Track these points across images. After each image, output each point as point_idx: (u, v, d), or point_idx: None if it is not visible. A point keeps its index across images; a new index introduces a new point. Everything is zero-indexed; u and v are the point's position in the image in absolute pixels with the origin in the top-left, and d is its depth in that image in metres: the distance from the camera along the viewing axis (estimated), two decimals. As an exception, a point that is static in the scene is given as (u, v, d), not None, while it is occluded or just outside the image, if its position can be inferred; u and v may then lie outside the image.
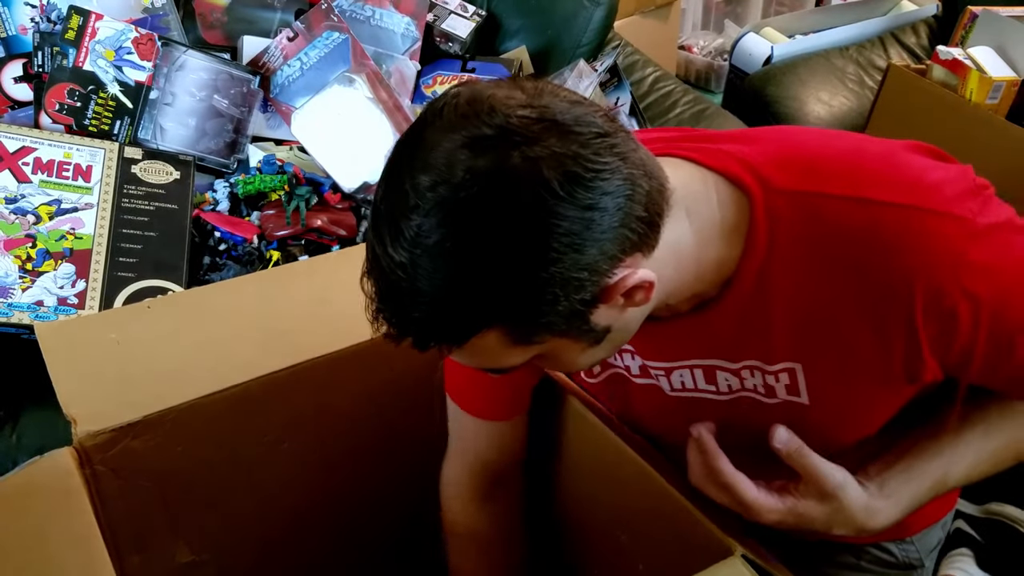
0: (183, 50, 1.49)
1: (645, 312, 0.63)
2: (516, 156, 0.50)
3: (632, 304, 0.58)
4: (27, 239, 1.26)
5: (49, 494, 0.75)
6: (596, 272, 0.54)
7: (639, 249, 0.56)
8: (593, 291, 0.55)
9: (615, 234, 0.53)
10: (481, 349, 0.57)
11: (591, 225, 0.52)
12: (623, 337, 0.64)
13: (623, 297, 0.57)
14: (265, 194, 1.45)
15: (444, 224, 0.51)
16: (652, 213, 0.56)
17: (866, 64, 1.95)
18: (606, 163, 0.52)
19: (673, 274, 0.61)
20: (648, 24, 2.45)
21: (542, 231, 0.51)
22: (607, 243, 0.53)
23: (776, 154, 0.63)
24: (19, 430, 1.22)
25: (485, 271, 0.52)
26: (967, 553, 1.38)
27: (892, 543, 0.86)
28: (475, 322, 0.54)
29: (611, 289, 0.55)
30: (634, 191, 0.54)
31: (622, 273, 0.55)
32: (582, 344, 0.60)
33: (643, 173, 0.55)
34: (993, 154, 1.43)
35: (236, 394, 0.86)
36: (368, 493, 1.01)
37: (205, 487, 0.90)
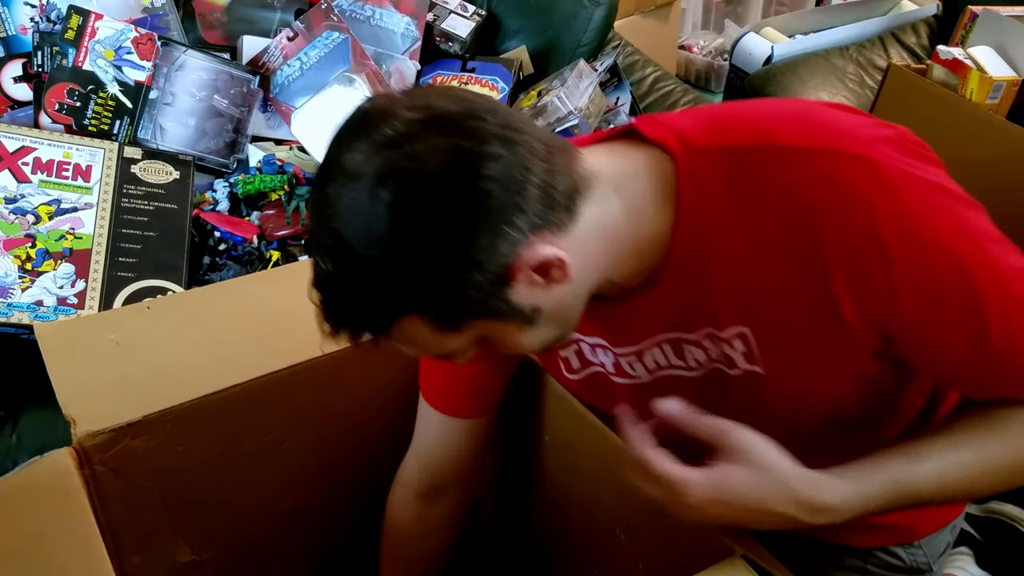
0: (183, 50, 1.49)
1: (580, 291, 0.64)
2: (399, 156, 0.56)
3: (552, 281, 0.61)
4: (27, 239, 1.26)
5: (49, 494, 0.75)
6: (494, 252, 0.57)
7: (543, 228, 0.59)
8: (496, 271, 0.58)
9: (508, 214, 0.57)
10: (410, 336, 0.61)
11: (480, 208, 0.56)
12: (565, 316, 0.65)
13: (537, 275, 0.60)
14: (265, 194, 1.45)
15: (346, 224, 0.57)
16: (553, 193, 0.59)
17: (866, 64, 1.95)
18: (490, 152, 0.56)
19: (604, 251, 0.64)
20: (648, 24, 2.45)
21: (432, 219, 0.56)
22: (501, 224, 0.57)
23: (704, 119, 0.65)
24: (19, 430, 1.22)
25: (386, 263, 0.57)
26: (967, 552, 1.38)
27: (899, 547, 0.85)
28: (389, 311, 0.59)
29: (515, 267, 0.59)
30: (524, 174, 0.58)
31: (524, 252, 0.58)
32: (515, 324, 0.62)
33: (537, 157, 0.59)
34: (993, 154, 1.43)
35: (236, 394, 0.86)
36: (368, 493, 1.00)
37: (205, 487, 0.90)
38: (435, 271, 0.57)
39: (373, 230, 0.56)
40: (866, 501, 0.63)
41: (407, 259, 0.57)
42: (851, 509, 0.62)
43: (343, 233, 0.57)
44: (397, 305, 0.59)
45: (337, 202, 0.57)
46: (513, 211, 0.57)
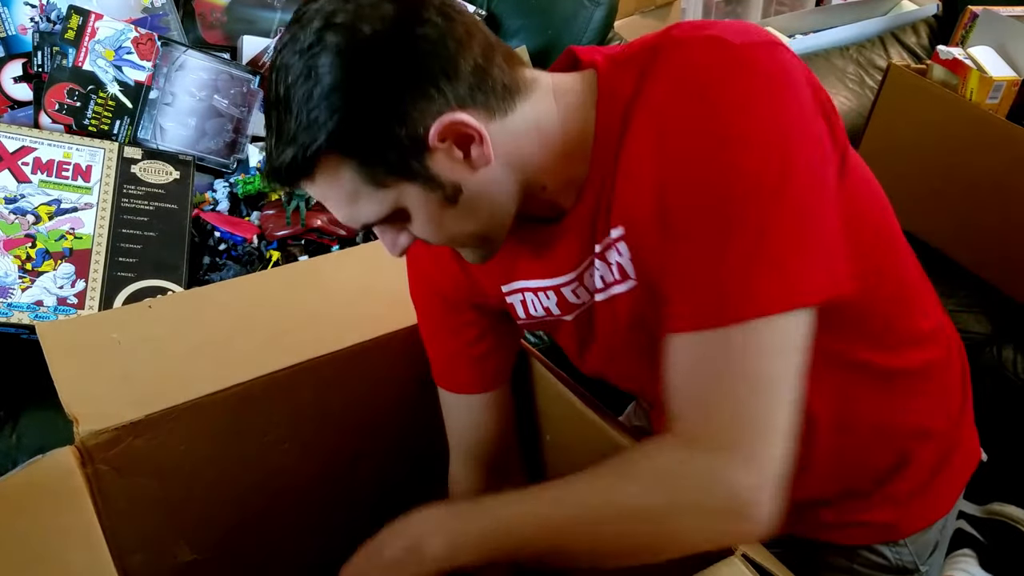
0: (183, 50, 1.49)
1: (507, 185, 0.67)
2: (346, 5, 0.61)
3: (472, 161, 0.64)
4: (27, 239, 1.26)
5: (51, 493, 0.75)
6: (416, 110, 0.61)
7: (471, 106, 0.63)
8: (415, 128, 0.62)
9: (435, 78, 0.61)
10: (334, 182, 0.64)
11: (410, 64, 0.61)
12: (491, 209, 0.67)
13: (457, 147, 0.63)
14: (265, 194, 1.45)
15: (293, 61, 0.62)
16: (485, 77, 0.63)
17: (866, 64, 1.95)
18: (427, 17, 0.62)
19: (537, 150, 0.67)
20: (648, 24, 2.46)
21: (365, 63, 0.61)
22: (427, 85, 0.61)
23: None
24: (19, 430, 1.22)
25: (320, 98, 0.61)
26: (970, 554, 1.38)
27: (884, 545, 0.84)
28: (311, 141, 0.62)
29: (434, 131, 0.62)
30: (459, 49, 0.62)
31: (445, 118, 0.62)
32: (435, 198, 0.65)
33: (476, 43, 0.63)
34: (993, 154, 1.43)
35: (237, 393, 0.86)
36: (369, 492, 1.01)
37: (207, 486, 0.90)
38: (362, 114, 0.61)
39: (313, 67, 0.61)
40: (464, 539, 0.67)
41: (338, 97, 0.61)
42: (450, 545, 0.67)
43: (287, 73, 0.62)
44: (323, 141, 0.62)
45: (288, 45, 0.63)
46: (440, 77, 0.62)
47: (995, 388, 1.42)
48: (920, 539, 0.86)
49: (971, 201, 1.50)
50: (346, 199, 0.65)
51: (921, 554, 0.86)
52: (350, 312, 0.97)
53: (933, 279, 1.67)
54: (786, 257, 0.58)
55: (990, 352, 1.44)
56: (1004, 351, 1.43)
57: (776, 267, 0.58)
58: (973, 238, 1.52)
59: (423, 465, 1.07)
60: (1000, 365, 1.42)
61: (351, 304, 0.98)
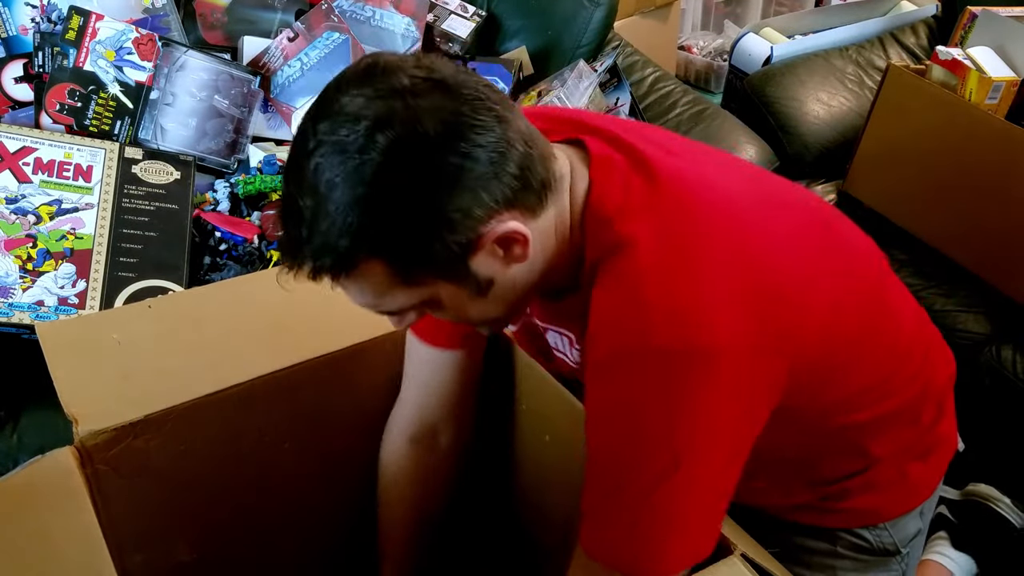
0: (183, 50, 1.49)
1: (530, 277, 0.68)
2: (402, 107, 0.59)
3: (512, 258, 0.65)
4: (28, 239, 1.26)
5: (50, 493, 0.75)
6: (469, 216, 0.61)
7: (515, 206, 0.63)
8: (467, 235, 0.62)
9: (488, 184, 0.61)
10: (368, 282, 0.64)
11: (464, 172, 0.60)
12: (513, 298, 0.69)
13: (499, 247, 0.64)
14: (265, 194, 1.45)
15: (335, 161, 0.59)
16: (529, 176, 0.63)
17: (866, 64, 1.95)
18: (482, 121, 0.60)
19: (556, 248, 0.68)
20: (648, 24, 2.46)
21: (420, 172, 0.59)
22: (480, 191, 0.61)
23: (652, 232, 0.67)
24: (20, 430, 1.22)
25: (368, 202, 0.59)
26: (943, 536, 1.41)
27: (864, 529, 0.86)
28: (357, 250, 0.61)
29: (485, 236, 0.62)
30: (508, 150, 0.61)
31: (495, 223, 0.62)
32: (467, 292, 0.66)
33: (521, 139, 0.63)
34: (993, 154, 1.44)
35: (237, 393, 0.86)
36: (369, 492, 1.01)
37: (206, 486, 0.91)
38: (411, 222, 0.60)
39: (362, 171, 0.58)
40: None
41: (388, 204, 0.59)
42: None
43: (330, 169, 0.59)
44: (366, 246, 0.61)
45: (329, 138, 0.59)
46: (492, 181, 0.61)
47: (995, 388, 1.43)
48: (900, 523, 0.87)
49: (970, 201, 1.50)
50: (374, 294, 0.65)
51: (902, 538, 0.88)
52: (350, 312, 0.96)
53: (933, 279, 1.68)
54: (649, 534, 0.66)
55: (990, 352, 1.44)
56: (1004, 351, 1.43)
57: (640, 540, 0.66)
58: (973, 238, 1.52)
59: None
60: (1000, 365, 1.42)
61: (351, 304, 0.98)
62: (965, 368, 1.45)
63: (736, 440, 0.66)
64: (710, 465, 0.65)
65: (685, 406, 0.63)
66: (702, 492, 0.66)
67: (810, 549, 0.87)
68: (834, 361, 0.72)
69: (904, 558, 0.89)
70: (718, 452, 0.66)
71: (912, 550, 0.90)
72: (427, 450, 0.94)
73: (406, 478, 0.96)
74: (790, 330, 0.66)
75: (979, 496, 1.46)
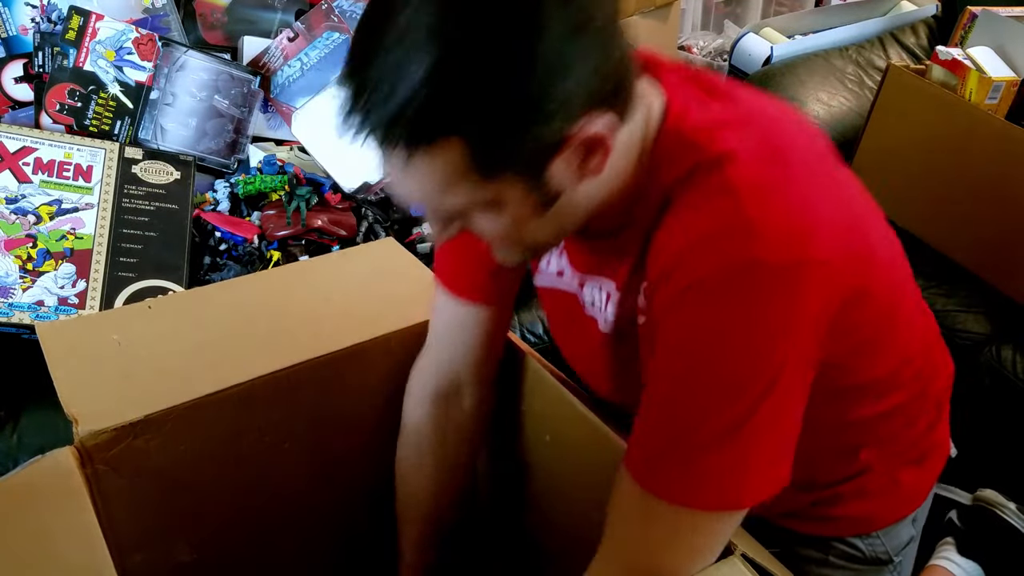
0: (183, 50, 1.49)
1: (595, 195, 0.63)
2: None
3: (587, 170, 0.60)
4: (28, 239, 1.26)
5: (50, 493, 0.75)
6: (566, 107, 0.56)
7: (609, 106, 0.58)
8: (557, 131, 0.56)
9: (590, 73, 0.56)
10: (440, 166, 0.57)
11: (573, 51, 0.54)
12: (568, 220, 0.65)
13: (581, 153, 0.59)
14: (265, 194, 1.45)
15: (432, 12, 0.53)
16: (625, 79, 0.60)
17: (866, 64, 1.95)
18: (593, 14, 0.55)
19: (627, 167, 0.64)
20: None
21: (527, 41, 0.53)
22: (582, 79, 0.55)
23: None
24: (20, 430, 1.22)
25: (467, 69, 0.53)
26: (950, 542, 1.41)
27: (856, 538, 0.85)
28: (445, 120, 0.54)
29: (575, 135, 0.57)
30: (610, 43, 0.57)
31: (586, 121, 0.57)
32: (534, 202, 0.61)
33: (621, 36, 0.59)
34: (993, 154, 1.44)
35: (237, 394, 0.86)
36: (369, 492, 1.01)
37: (206, 486, 0.90)
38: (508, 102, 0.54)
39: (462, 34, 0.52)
40: None
41: (487, 78, 0.53)
42: None
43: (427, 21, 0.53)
44: (453, 121, 0.54)
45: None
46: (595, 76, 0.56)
47: (995, 388, 1.43)
48: (893, 531, 0.86)
49: (970, 201, 1.50)
50: (442, 183, 0.58)
51: (895, 547, 0.87)
52: (350, 312, 0.97)
53: (933, 279, 1.68)
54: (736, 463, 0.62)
55: (990, 352, 1.44)
56: (1004, 351, 1.43)
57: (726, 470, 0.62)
58: (973, 238, 1.53)
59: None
60: (1000, 365, 1.42)
61: (351, 304, 0.99)
62: (965, 368, 1.46)
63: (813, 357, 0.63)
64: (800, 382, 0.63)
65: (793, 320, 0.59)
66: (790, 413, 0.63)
67: (802, 557, 0.86)
68: (870, 331, 0.70)
69: (896, 567, 0.88)
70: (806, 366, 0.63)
71: (904, 559, 0.89)
72: (451, 408, 0.92)
73: (428, 442, 0.93)
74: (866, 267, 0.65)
75: (985, 502, 1.45)
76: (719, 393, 0.61)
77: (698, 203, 0.61)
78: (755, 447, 0.62)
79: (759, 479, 0.63)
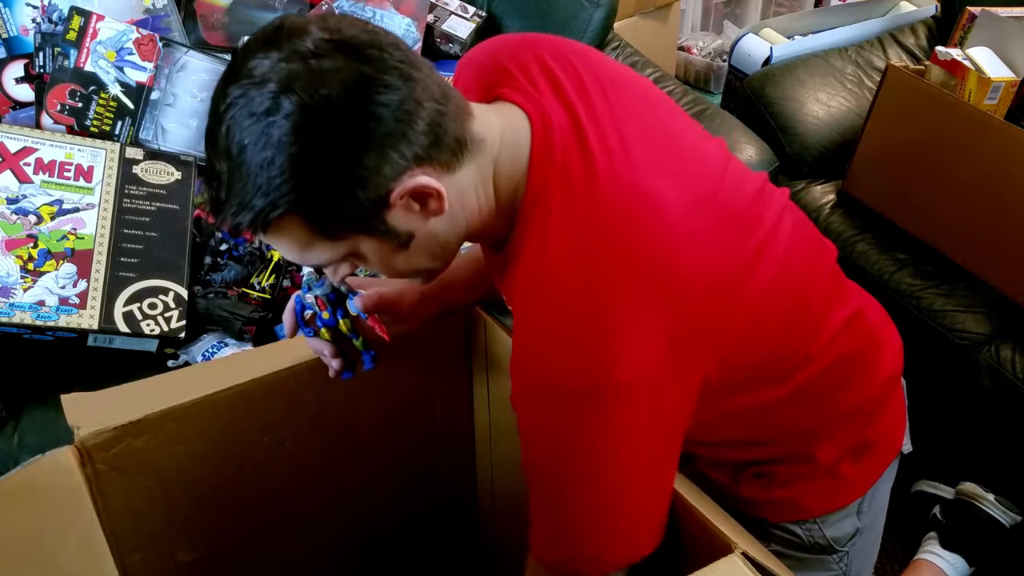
0: (184, 51, 1.49)
1: (454, 229, 0.70)
2: (305, 69, 0.60)
3: (429, 212, 0.66)
4: (28, 239, 1.26)
5: (51, 493, 0.76)
6: (378, 173, 0.62)
7: (426, 162, 0.64)
8: (378, 191, 0.63)
9: (396, 142, 0.62)
10: (288, 237, 0.65)
11: (370, 131, 0.61)
12: (439, 250, 0.71)
13: (415, 201, 0.65)
14: (266, 194, 1.45)
15: (245, 124, 0.61)
16: (440, 132, 0.64)
17: (865, 65, 1.95)
18: (387, 80, 0.61)
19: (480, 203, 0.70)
20: (648, 25, 2.46)
21: (326, 133, 0.60)
22: (388, 149, 0.62)
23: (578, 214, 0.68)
24: (20, 430, 1.23)
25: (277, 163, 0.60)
26: (933, 536, 1.43)
27: (794, 524, 0.87)
28: (270, 208, 0.62)
29: (395, 192, 0.63)
30: (416, 108, 0.62)
31: (406, 178, 0.63)
32: (390, 246, 0.67)
33: (430, 97, 0.64)
34: (992, 154, 1.44)
35: (237, 394, 0.87)
36: (368, 491, 1.01)
37: (206, 486, 0.91)
38: (322, 181, 0.61)
39: (270, 134, 0.60)
40: None
41: (297, 166, 0.60)
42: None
43: (240, 133, 0.61)
44: (280, 205, 0.62)
45: (238, 102, 0.61)
46: (400, 140, 0.62)
47: (995, 388, 1.43)
48: (832, 520, 0.87)
49: (970, 202, 1.50)
50: (298, 248, 0.66)
51: (837, 537, 0.88)
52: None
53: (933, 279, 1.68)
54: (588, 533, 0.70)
55: (990, 352, 1.44)
56: (1003, 351, 1.43)
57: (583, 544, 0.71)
58: (972, 238, 1.53)
59: (422, 464, 1.07)
60: (1000, 365, 1.42)
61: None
62: (965, 368, 1.46)
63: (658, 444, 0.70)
64: (634, 470, 0.69)
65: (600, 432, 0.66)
66: (631, 493, 0.69)
67: None
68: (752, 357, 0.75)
69: (843, 557, 0.89)
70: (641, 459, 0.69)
71: (854, 551, 0.90)
72: None
73: None
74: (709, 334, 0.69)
75: (966, 495, 1.46)
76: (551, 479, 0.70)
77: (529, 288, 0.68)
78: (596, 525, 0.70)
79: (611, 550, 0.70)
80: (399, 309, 0.86)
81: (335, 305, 0.82)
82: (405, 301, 0.86)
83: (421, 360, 0.98)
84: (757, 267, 0.72)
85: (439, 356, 1.00)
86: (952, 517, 1.46)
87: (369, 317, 0.82)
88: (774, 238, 0.74)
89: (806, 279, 0.78)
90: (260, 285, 1.34)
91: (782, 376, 0.78)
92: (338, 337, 0.84)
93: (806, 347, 0.78)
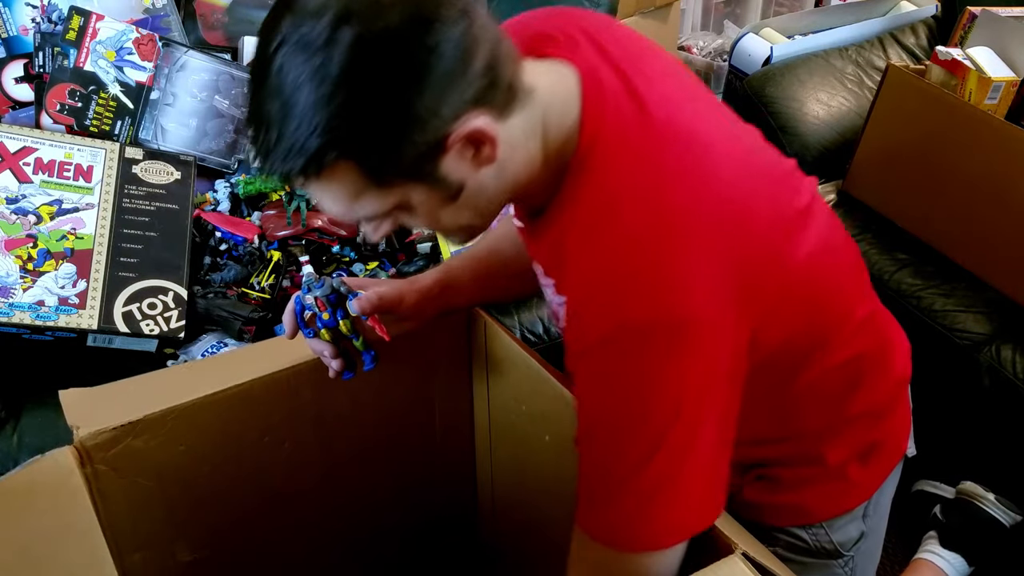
0: (184, 51, 1.49)
1: (502, 182, 0.67)
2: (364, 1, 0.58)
3: (480, 160, 0.64)
4: (28, 239, 1.26)
5: (50, 493, 0.75)
6: (436, 114, 0.60)
7: (483, 104, 0.62)
8: (436, 134, 0.61)
9: (455, 81, 0.60)
10: (339, 185, 0.62)
11: (430, 68, 0.59)
12: (484, 204, 0.69)
13: (469, 146, 0.63)
14: (266, 194, 1.45)
15: (299, 60, 0.58)
16: (497, 74, 0.62)
17: (865, 65, 1.95)
18: (447, 15, 0.59)
19: (529, 156, 0.68)
20: (648, 25, 2.45)
21: (385, 68, 0.58)
22: (447, 88, 0.60)
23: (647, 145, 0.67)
24: (20, 430, 1.23)
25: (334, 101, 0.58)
26: (933, 535, 1.43)
27: (799, 528, 0.86)
28: (327, 151, 0.59)
29: (453, 135, 0.61)
30: (474, 46, 0.60)
31: (463, 119, 0.61)
32: (439, 196, 0.65)
33: (487, 36, 0.62)
34: (992, 155, 1.44)
35: (236, 394, 0.87)
36: (368, 492, 1.01)
37: (206, 486, 0.91)
38: (379, 121, 0.59)
39: (327, 69, 0.57)
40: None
41: (355, 103, 0.58)
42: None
43: (295, 68, 0.58)
44: (335, 147, 0.59)
45: (291, 36, 0.58)
46: (459, 79, 0.60)
47: (995, 388, 1.43)
48: (838, 524, 0.87)
49: (970, 202, 1.50)
50: (347, 198, 0.64)
51: (843, 541, 0.87)
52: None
53: (933, 279, 1.68)
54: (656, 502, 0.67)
55: (989, 352, 1.44)
56: (1003, 351, 1.43)
57: (634, 514, 0.67)
58: (972, 238, 1.53)
59: (422, 464, 1.07)
60: (1000, 365, 1.42)
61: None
62: (965, 368, 1.46)
63: (721, 401, 0.67)
64: (698, 432, 0.66)
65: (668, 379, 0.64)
66: (694, 460, 0.66)
67: None
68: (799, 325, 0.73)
69: (849, 562, 0.89)
70: (706, 417, 0.66)
71: (859, 556, 0.89)
72: None
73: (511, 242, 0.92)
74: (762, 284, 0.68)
75: (966, 494, 1.47)
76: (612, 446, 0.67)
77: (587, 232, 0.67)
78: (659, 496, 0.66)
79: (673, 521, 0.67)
80: (399, 310, 0.86)
81: (335, 306, 0.82)
82: (405, 302, 0.86)
83: (421, 360, 0.98)
84: (803, 230, 0.72)
85: (439, 356, 1.00)
86: (952, 516, 1.46)
87: (369, 317, 0.82)
88: (813, 210, 0.75)
89: (842, 262, 0.78)
90: (260, 285, 1.34)
91: (802, 359, 0.76)
92: (338, 338, 0.84)
93: (831, 334, 0.77)
